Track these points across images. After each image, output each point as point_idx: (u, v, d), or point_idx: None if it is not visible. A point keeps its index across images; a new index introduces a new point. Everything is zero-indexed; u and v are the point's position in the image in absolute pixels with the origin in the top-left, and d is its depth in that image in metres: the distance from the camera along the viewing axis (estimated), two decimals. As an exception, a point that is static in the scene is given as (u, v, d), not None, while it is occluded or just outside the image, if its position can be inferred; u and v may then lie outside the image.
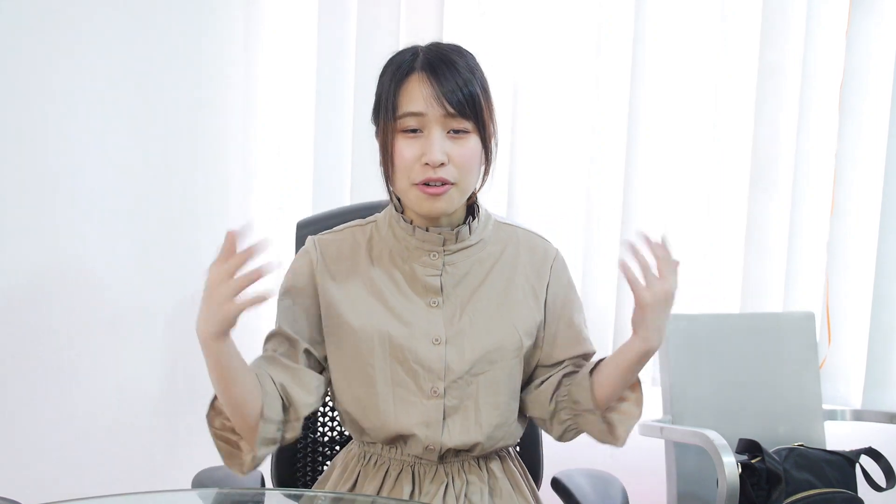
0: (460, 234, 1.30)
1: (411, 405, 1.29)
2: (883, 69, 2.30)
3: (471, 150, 1.23)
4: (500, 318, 1.31)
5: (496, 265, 1.34)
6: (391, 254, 1.32)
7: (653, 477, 2.22)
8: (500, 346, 1.30)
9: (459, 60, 1.23)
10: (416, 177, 1.22)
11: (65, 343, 2.08)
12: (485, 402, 1.30)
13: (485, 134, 1.24)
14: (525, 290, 1.34)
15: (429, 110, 1.20)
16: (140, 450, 2.22)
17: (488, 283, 1.32)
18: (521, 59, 2.44)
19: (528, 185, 2.46)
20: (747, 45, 2.38)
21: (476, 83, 1.23)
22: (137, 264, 2.19)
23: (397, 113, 1.22)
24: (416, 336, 1.29)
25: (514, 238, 1.37)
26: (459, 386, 1.29)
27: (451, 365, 1.28)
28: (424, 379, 1.29)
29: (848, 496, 1.99)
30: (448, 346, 1.29)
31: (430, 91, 1.20)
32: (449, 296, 1.31)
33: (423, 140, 1.21)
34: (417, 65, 1.22)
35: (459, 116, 1.21)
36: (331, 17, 2.43)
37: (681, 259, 1.24)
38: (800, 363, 2.23)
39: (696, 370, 2.14)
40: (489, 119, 1.25)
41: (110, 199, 2.13)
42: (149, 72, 2.17)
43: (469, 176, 1.24)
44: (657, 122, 2.40)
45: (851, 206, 2.34)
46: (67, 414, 2.09)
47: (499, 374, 1.31)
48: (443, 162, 1.21)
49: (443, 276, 1.30)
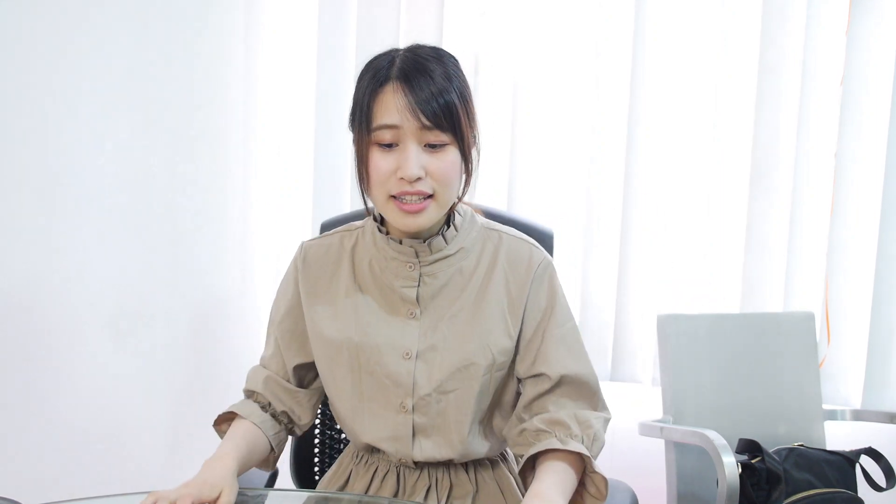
0: (433, 245, 1.26)
1: (381, 419, 1.28)
2: (883, 69, 2.30)
3: (449, 162, 1.18)
4: (473, 332, 1.26)
5: (476, 275, 1.28)
6: (371, 263, 1.29)
7: (653, 477, 2.22)
8: (471, 362, 1.25)
9: (436, 68, 1.18)
10: (392, 189, 1.18)
11: (65, 343, 2.08)
12: (455, 420, 1.26)
13: (463, 144, 1.19)
14: (502, 303, 1.27)
15: (404, 123, 1.15)
16: (140, 450, 2.23)
17: (467, 295, 1.27)
18: (521, 59, 2.44)
19: (527, 185, 2.46)
20: (747, 45, 2.38)
21: (453, 91, 1.17)
22: (137, 264, 2.19)
23: (372, 125, 1.18)
24: (385, 350, 1.26)
25: (499, 244, 1.30)
26: (429, 403, 1.26)
27: (420, 381, 1.25)
28: (394, 394, 1.26)
29: (848, 496, 1.99)
30: (418, 362, 1.25)
31: (404, 102, 1.15)
32: (427, 307, 1.27)
33: (399, 153, 1.17)
34: (392, 73, 1.18)
35: (436, 129, 1.16)
36: (331, 18, 2.43)
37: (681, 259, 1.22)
38: (799, 363, 2.23)
39: (696, 370, 2.14)
40: (468, 128, 1.20)
41: (110, 199, 2.13)
42: (149, 72, 2.17)
43: (448, 189, 1.20)
44: (657, 122, 2.40)
45: (851, 206, 2.34)
46: (67, 414, 2.09)
47: (469, 392, 1.26)
48: (419, 177, 1.16)
49: (420, 288, 1.27)
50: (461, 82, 1.21)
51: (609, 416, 1.29)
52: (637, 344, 2.44)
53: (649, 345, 2.43)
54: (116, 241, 2.15)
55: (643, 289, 2.43)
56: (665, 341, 2.12)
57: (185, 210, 2.28)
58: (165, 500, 1.07)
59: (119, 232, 2.15)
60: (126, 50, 2.12)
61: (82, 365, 2.11)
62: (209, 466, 1.18)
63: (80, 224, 2.08)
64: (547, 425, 1.23)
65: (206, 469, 1.17)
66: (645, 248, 2.42)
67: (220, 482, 1.14)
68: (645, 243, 2.42)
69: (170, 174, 2.25)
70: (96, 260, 2.12)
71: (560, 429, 1.23)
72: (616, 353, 2.45)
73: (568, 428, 1.22)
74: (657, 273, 2.43)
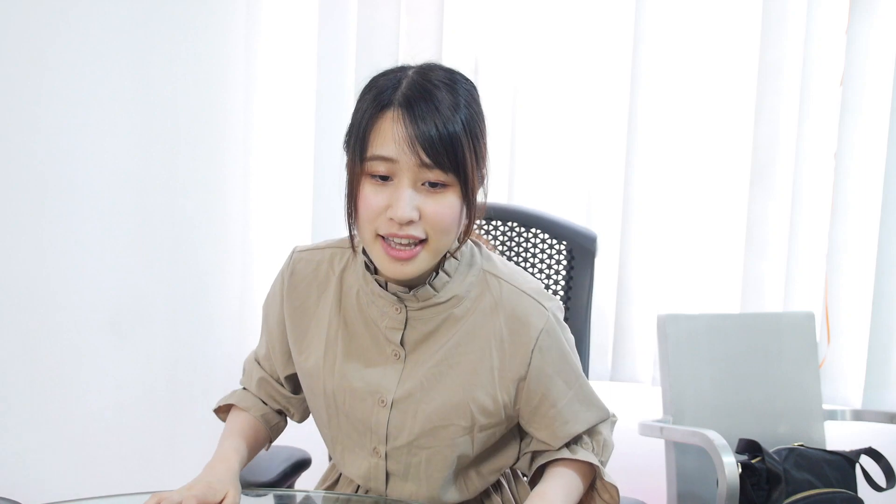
0: (419, 295, 1.13)
1: (356, 456, 1.22)
2: (883, 69, 2.30)
3: (447, 206, 1.05)
4: (457, 389, 1.15)
5: (468, 324, 1.15)
6: (359, 294, 1.18)
7: (653, 477, 2.22)
8: (449, 422, 1.15)
9: (445, 96, 1.04)
10: (380, 228, 1.05)
11: (65, 343, 2.08)
12: (427, 475, 1.19)
13: (467, 188, 1.05)
14: (492, 363, 1.15)
15: (401, 157, 1.02)
16: (140, 450, 2.23)
17: (454, 345, 1.15)
18: (521, 59, 2.44)
19: (527, 185, 2.46)
20: (747, 45, 2.38)
21: (459, 123, 1.03)
22: (137, 265, 2.19)
23: (366, 153, 1.04)
24: (361, 395, 1.17)
25: (498, 297, 1.15)
26: (401, 453, 1.18)
27: (394, 431, 1.17)
28: (368, 438, 1.20)
29: (848, 496, 1.99)
30: (393, 411, 1.16)
31: (403, 134, 1.02)
32: (412, 352, 1.16)
33: (392, 190, 1.04)
34: (396, 98, 1.04)
35: (436, 168, 1.02)
36: (331, 18, 2.43)
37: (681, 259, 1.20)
38: (800, 363, 2.23)
39: (696, 370, 2.14)
40: (473, 168, 1.06)
41: (110, 199, 2.13)
42: (149, 73, 2.17)
43: (443, 235, 1.06)
44: (657, 122, 2.40)
45: (851, 206, 2.34)
46: (67, 414, 2.09)
47: (446, 449, 1.17)
48: (412, 219, 1.03)
49: (407, 331, 1.15)
50: (472, 114, 1.07)
51: (615, 417, 1.26)
52: (637, 344, 2.44)
53: (649, 345, 2.43)
54: (117, 242, 2.15)
55: (643, 289, 2.43)
56: (665, 341, 2.12)
57: (186, 210, 2.28)
58: (169, 501, 1.06)
59: (119, 232, 2.15)
60: (126, 51, 2.12)
61: (82, 365, 2.11)
62: (212, 467, 1.16)
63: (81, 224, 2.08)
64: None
65: (209, 470, 1.16)
66: (645, 248, 2.42)
67: (224, 483, 1.13)
68: (645, 243, 2.42)
69: (170, 175, 2.25)
70: (96, 260, 2.12)
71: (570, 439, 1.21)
72: (616, 353, 2.45)
73: (578, 437, 1.21)
74: (657, 273, 2.43)
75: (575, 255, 1.55)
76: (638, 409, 2.33)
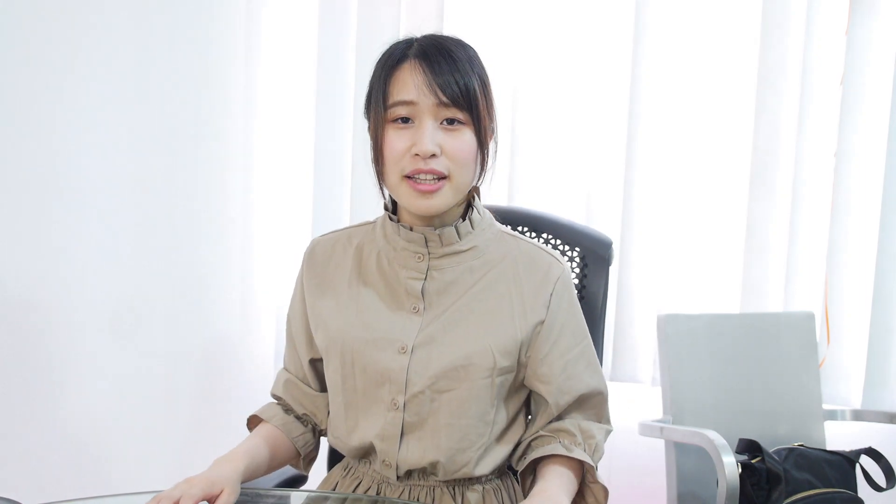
0: (444, 236, 1.22)
1: (371, 416, 1.24)
2: (883, 69, 2.30)
3: (465, 142, 1.16)
4: (477, 332, 1.21)
5: (487, 276, 1.24)
6: (379, 256, 1.27)
7: (653, 477, 2.22)
8: (470, 362, 1.20)
9: (457, 51, 1.17)
10: (406, 168, 1.15)
11: (65, 344, 2.08)
12: (446, 423, 1.21)
13: (480, 127, 1.17)
14: (514, 308, 1.23)
15: (420, 99, 1.13)
16: (140, 450, 2.23)
17: (474, 294, 1.23)
18: (520, 58, 2.44)
19: (527, 185, 2.46)
20: (747, 45, 2.38)
21: (474, 76, 1.16)
22: (137, 266, 2.19)
23: (387, 102, 1.15)
24: (382, 344, 1.22)
25: (516, 251, 1.26)
26: (421, 401, 1.21)
27: (413, 377, 1.21)
28: (386, 390, 1.23)
29: (848, 496, 1.99)
30: (413, 356, 1.21)
31: (422, 79, 1.13)
32: (431, 303, 1.23)
33: (415, 130, 1.14)
34: (411, 52, 1.16)
35: (453, 107, 1.14)
36: (331, 18, 2.43)
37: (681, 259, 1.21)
38: (800, 363, 2.23)
39: (696, 370, 2.14)
40: (486, 114, 1.18)
41: (110, 200, 2.13)
42: (148, 72, 2.17)
43: (463, 170, 1.16)
44: (657, 122, 2.40)
45: (851, 206, 2.34)
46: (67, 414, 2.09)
47: (465, 394, 1.20)
48: (434, 153, 1.14)
49: (427, 282, 1.23)
50: (482, 71, 1.19)
51: (611, 428, 1.29)
52: (637, 344, 2.44)
53: (649, 345, 2.43)
54: (117, 242, 2.15)
55: (643, 289, 2.43)
56: (665, 341, 2.12)
57: (186, 211, 2.28)
58: (168, 499, 1.07)
59: (119, 233, 2.15)
60: (126, 50, 2.12)
61: (82, 365, 2.11)
62: (218, 464, 1.18)
63: (81, 225, 2.08)
64: (550, 431, 1.24)
65: (215, 467, 1.18)
66: (645, 248, 2.42)
67: (223, 481, 1.14)
68: (645, 243, 2.42)
69: (170, 175, 2.25)
70: (96, 261, 2.12)
71: (564, 436, 1.23)
72: (616, 353, 2.45)
73: (572, 436, 1.23)
74: (657, 273, 2.43)
75: (588, 261, 1.50)
76: (638, 409, 2.34)
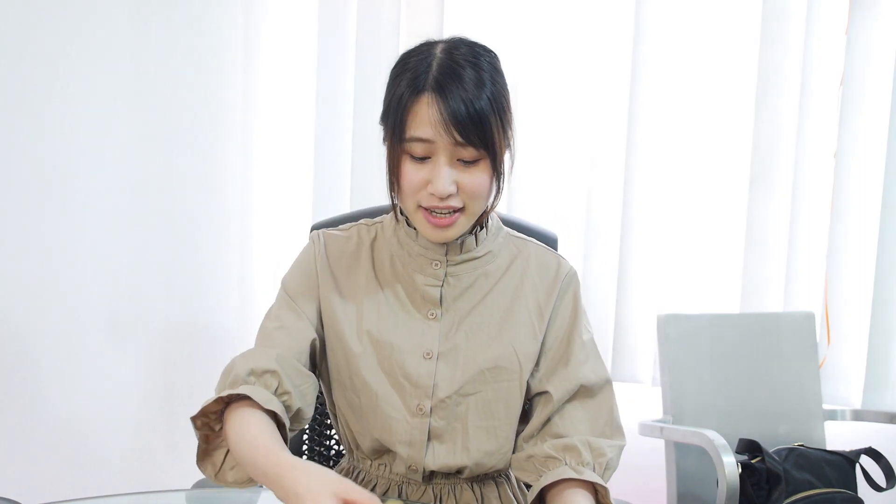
0: (465, 244, 1.25)
1: (395, 421, 1.22)
2: (883, 69, 2.30)
3: (480, 177, 1.17)
4: (499, 336, 1.24)
5: (502, 280, 1.27)
6: (392, 259, 1.27)
7: (653, 477, 2.22)
8: (496, 365, 1.22)
9: (471, 73, 1.15)
10: (422, 201, 1.17)
11: (64, 344, 2.08)
12: (474, 426, 1.23)
13: (496, 158, 1.17)
14: (530, 310, 1.26)
15: (437, 138, 1.13)
16: (140, 450, 2.23)
17: (491, 299, 1.25)
18: (521, 58, 2.44)
19: (527, 185, 2.46)
20: (747, 45, 2.38)
21: (485, 99, 1.15)
22: (136, 266, 2.19)
23: (405, 136, 1.15)
24: (406, 348, 1.22)
25: (525, 252, 1.29)
26: (447, 406, 1.22)
27: (441, 383, 1.21)
28: (411, 395, 1.22)
29: (848, 496, 1.99)
30: (440, 362, 1.22)
31: (438, 117, 1.13)
32: (449, 309, 1.24)
33: (431, 167, 1.15)
34: (429, 83, 1.14)
35: (469, 146, 1.14)
36: (331, 18, 2.43)
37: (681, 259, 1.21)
38: (800, 363, 2.23)
39: (696, 370, 2.14)
40: (500, 138, 1.18)
41: (109, 200, 2.13)
42: (148, 73, 2.17)
43: (478, 202, 1.19)
44: (657, 122, 2.40)
45: (851, 206, 2.34)
46: (67, 415, 2.09)
47: (491, 395, 1.22)
48: (451, 193, 1.15)
49: (444, 288, 1.24)
50: (495, 86, 1.18)
51: (624, 442, 1.24)
52: (637, 344, 2.44)
53: (649, 345, 2.43)
54: (115, 243, 2.15)
55: (643, 289, 2.43)
56: (665, 341, 2.12)
57: (184, 212, 2.28)
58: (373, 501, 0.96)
59: (118, 234, 2.16)
60: (125, 51, 2.12)
61: (81, 366, 2.11)
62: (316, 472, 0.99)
63: (79, 226, 2.09)
64: (557, 451, 1.19)
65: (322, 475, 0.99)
66: (645, 248, 2.42)
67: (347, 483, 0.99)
68: (645, 243, 2.42)
69: (169, 175, 2.25)
70: (95, 262, 2.12)
71: (571, 455, 1.18)
72: (616, 353, 2.45)
73: (580, 455, 1.18)
74: (657, 273, 2.43)
75: None
76: (638, 409, 2.33)
